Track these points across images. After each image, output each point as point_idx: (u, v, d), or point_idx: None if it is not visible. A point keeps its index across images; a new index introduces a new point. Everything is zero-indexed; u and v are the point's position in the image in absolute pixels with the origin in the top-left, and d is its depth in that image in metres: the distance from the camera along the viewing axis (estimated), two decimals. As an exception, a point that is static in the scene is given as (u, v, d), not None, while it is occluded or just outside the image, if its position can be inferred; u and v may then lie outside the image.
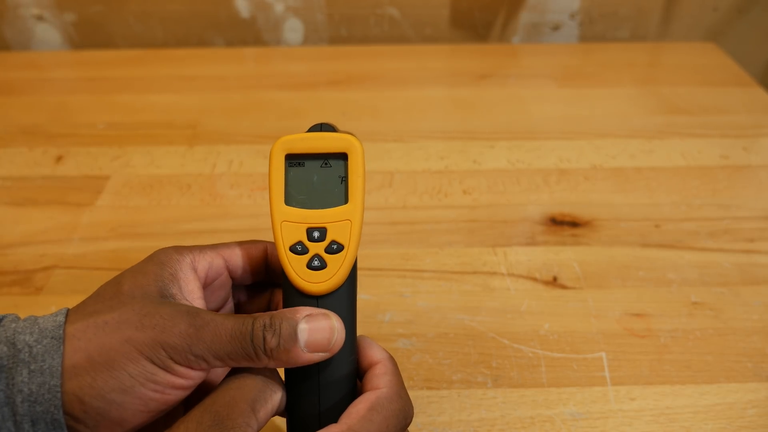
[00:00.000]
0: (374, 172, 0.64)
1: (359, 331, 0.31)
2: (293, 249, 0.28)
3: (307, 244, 0.28)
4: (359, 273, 0.52)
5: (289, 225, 0.29)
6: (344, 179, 0.29)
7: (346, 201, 0.29)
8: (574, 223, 0.58)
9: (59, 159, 0.67)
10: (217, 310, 0.32)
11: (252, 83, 0.81)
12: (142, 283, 0.27)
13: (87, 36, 0.92)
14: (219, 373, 0.33)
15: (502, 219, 0.59)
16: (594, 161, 0.66)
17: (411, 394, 0.43)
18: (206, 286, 0.30)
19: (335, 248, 0.28)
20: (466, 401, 0.43)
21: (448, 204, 0.60)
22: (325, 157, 0.29)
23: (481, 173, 0.65)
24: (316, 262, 0.28)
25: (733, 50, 0.92)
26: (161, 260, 0.29)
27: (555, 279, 0.52)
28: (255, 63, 0.87)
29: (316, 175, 0.29)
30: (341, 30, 0.92)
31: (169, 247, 0.30)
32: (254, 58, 0.89)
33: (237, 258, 0.31)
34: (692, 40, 0.94)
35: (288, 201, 0.29)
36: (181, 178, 0.64)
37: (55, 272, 0.53)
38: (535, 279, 0.52)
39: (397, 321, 0.48)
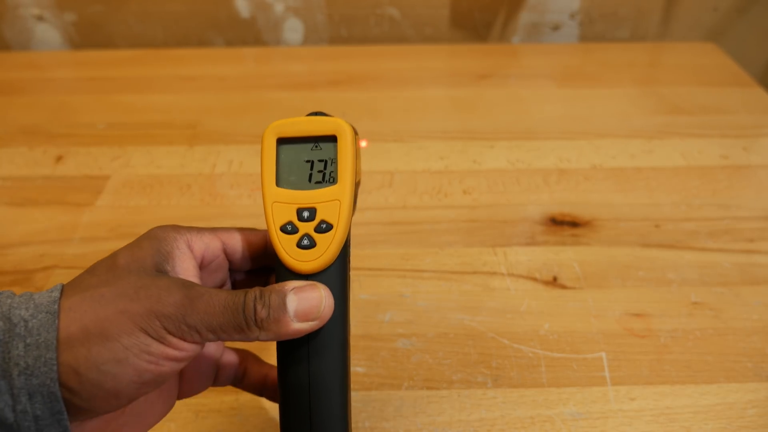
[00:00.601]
0: (374, 172, 0.64)
1: (361, 331, 0.31)
2: (283, 229, 0.29)
3: (297, 224, 0.29)
4: (361, 272, 0.53)
5: (279, 206, 0.29)
6: (334, 161, 0.30)
7: (335, 182, 0.29)
8: (574, 223, 0.58)
9: (59, 159, 0.67)
10: None
11: (252, 83, 0.81)
12: (138, 257, 0.28)
13: (87, 36, 0.92)
14: (212, 349, 0.33)
15: (502, 219, 0.59)
16: (594, 161, 0.66)
17: (411, 394, 0.43)
18: (203, 267, 0.31)
19: (324, 227, 0.29)
20: (466, 401, 0.43)
21: (448, 204, 0.60)
22: (316, 140, 0.30)
23: (481, 173, 0.65)
24: (305, 241, 0.29)
25: (733, 50, 0.92)
26: (158, 236, 0.29)
27: (555, 279, 0.52)
28: (255, 63, 0.87)
29: (307, 158, 0.30)
30: (341, 30, 0.92)
31: (167, 225, 0.30)
32: (254, 58, 0.89)
33: (235, 242, 0.31)
34: (692, 40, 0.94)
35: (279, 183, 0.30)
36: (181, 178, 0.64)
37: (55, 272, 0.53)
38: (535, 279, 0.52)
39: (397, 321, 0.48)
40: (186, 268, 0.29)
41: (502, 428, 0.41)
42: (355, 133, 0.33)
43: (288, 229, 0.29)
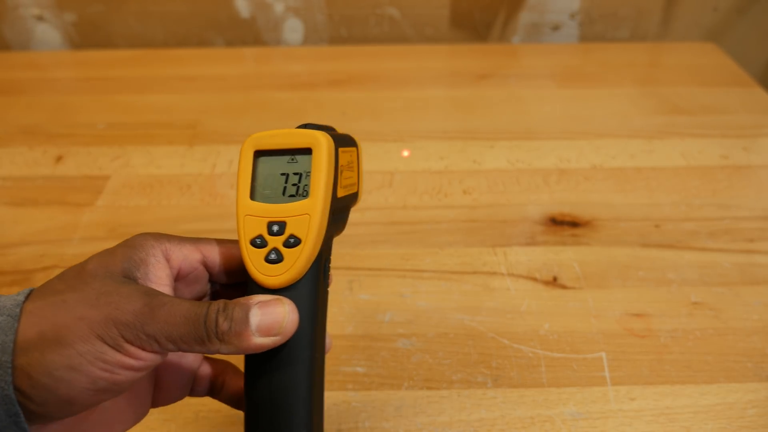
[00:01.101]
0: (374, 172, 0.64)
1: (361, 331, 0.31)
2: (253, 242, 0.29)
3: (267, 237, 0.28)
4: (361, 272, 0.53)
5: (251, 219, 0.29)
6: (308, 174, 0.29)
7: (307, 196, 0.29)
8: (574, 223, 0.58)
9: (59, 159, 0.67)
10: None
11: (252, 83, 0.81)
12: (107, 263, 0.27)
13: (87, 36, 0.92)
14: (190, 359, 0.33)
15: (502, 219, 0.59)
16: (594, 161, 0.66)
17: (411, 394, 0.43)
18: (180, 278, 0.30)
19: (292, 242, 0.28)
20: (466, 401, 0.43)
21: (448, 204, 0.60)
22: (292, 153, 0.30)
23: (481, 173, 0.65)
24: (273, 256, 0.28)
25: (733, 50, 0.92)
26: (134, 244, 0.29)
27: (555, 279, 0.52)
28: (255, 63, 0.87)
29: (282, 171, 0.30)
30: (341, 30, 0.92)
31: (149, 233, 0.30)
32: (254, 58, 0.89)
33: (216, 255, 0.31)
34: (692, 40, 0.94)
35: (253, 196, 0.30)
36: (181, 178, 0.64)
37: (55, 272, 0.53)
38: (535, 279, 0.52)
39: (397, 321, 0.48)
40: (159, 277, 0.29)
41: (502, 428, 0.41)
42: (352, 145, 0.32)
43: (257, 242, 0.28)
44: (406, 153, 0.65)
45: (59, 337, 0.24)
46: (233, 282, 0.32)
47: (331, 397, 0.43)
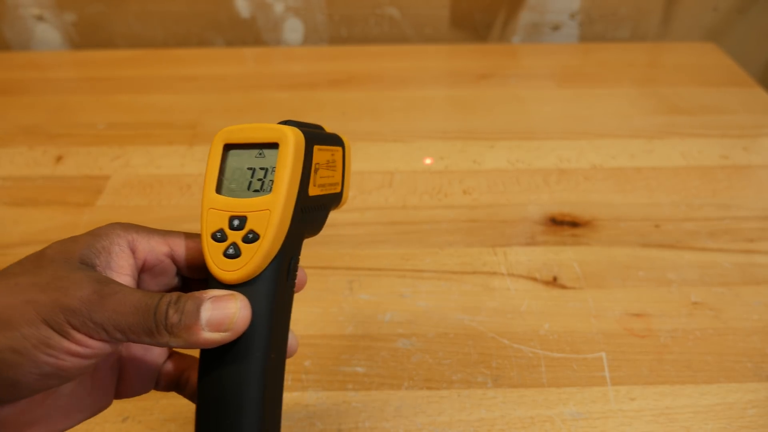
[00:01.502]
0: (374, 172, 0.64)
1: (361, 331, 0.31)
2: (214, 236, 0.28)
3: (228, 232, 0.28)
4: (361, 272, 0.53)
5: (214, 212, 0.29)
6: (274, 170, 0.28)
7: (269, 191, 0.28)
8: (574, 223, 0.58)
9: (59, 159, 0.67)
10: None
11: (252, 83, 0.81)
12: (66, 249, 0.27)
13: (87, 36, 0.92)
14: (156, 353, 0.32)
15: (502, 219, 0.59)
16: (594, 161, 0.66)
17: (411, 394, 0.43)
18: (146, 270, 0.30)
19: (251, 237, 0.28)
20: (466, 401, 0.43)
21: (448, 204, 0.60)
22: (260, 147, 0.29)
23: (481, 173, 0.65)
24: (231, 250, 0.28)
25: (733, 50, 0.92)
26: (100, 232, 0.29)
27: (555, 279, 0.52)
28: (255, 63, 0.87)
29: (249, 166, 0.29)
30: (341, 30, 0.92)
31: (119, 223, 0.30)
32: (254, 58, 0.89)
33: (184, 249, 0.31)
34: (692, 40, 0.94)
35: (219, 189, 0.29)
36: (181, 178, 0.64)
37: (55, 272, 0.53)
38: (535, 279, 0.52)
39: (397, 321, 0.48)
40: (121, 266, 0.28)
41: (502, 428, 0.41)
42: (335, 144, 0.31)
43: (218, 236, 0.28)
44: (428, 161, 0.65)
45: (6, 319, 0.24)
46: (201, 276, 0.32)
47: (331, 397, 0.43)
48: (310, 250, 0.56)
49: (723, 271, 0.53)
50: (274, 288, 0.28)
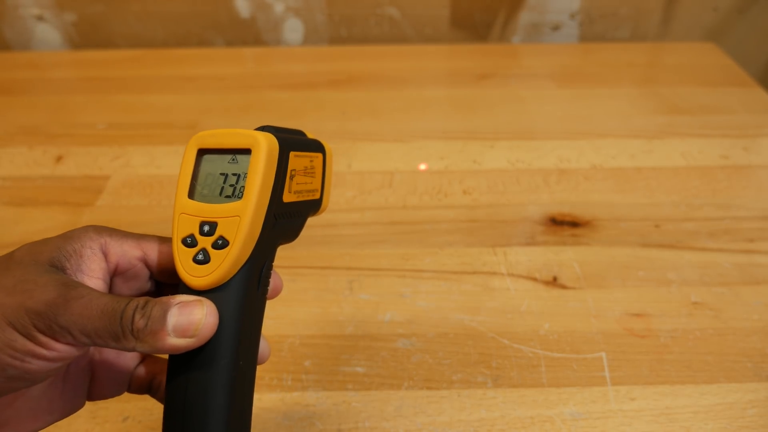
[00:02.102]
0: (374, 172, 0.64)
1: (361, 331, 0.30)
2: (184, 241, 0.28)
3: (198, 237, 0.28)
4: (361, 272, 0.53)
5: (185, 217, 0.28)
6: (246, 176, 0.28)
7: (240, 197, 0.28)
8: (574, 223, 0.58)
9: (59, 159, 0.67)
10: None
11: (252, 83, 0.81)
12: (35, 251, 0.27)
13: (87, 36, 0.92)
14: (128, 356, 0.32)
15: (502, 219, 0.59)
16: (594, 161, 0.66)
17: (411, 394, 0.43)
18: (118, 273, 0.30)
19: (220, 243, 0.27)
20: (466, 401, 0.43)
21: (448, 204, 0.60)
22: (234, 153, 0.29)
23: (481, 173, 0.65)
24: (200, 256, 0.28)
25: (733, 50, 0.92)
26: (72, 235, 0.28)
27: (555, 279, 0.52)
28: (255, 63, 0.87)
29: (222, 171, 0.29)
30: (341, 30, 0.92)
31: (93, 225, 0.30)
32: (254, 58, 0.89)
33: (157, 253, 0.30)
34: (692, 40, 0.94)
35: (191, 194, 0.29)
36: (181, 178, 0.64)
37: (55, 272, 0.53)
38: (535, 279, 0.52)
39: (397, 321, 0.48)
40: (92, 270, 0.28)
41: (502, 428, 0.41)
42: (316, 151, 0.31)
43: (188, 242, 0.28)
44: (423, 166, 0.65)
45: None
46: (175, 282, 0.31)
47: (331, 397, 0.43)
48: (310, 250, 0.56)
49: (723, 271, 0.53)
50: (244, 295, 0.28)
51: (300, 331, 0.48)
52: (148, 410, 0.42)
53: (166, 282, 0.32)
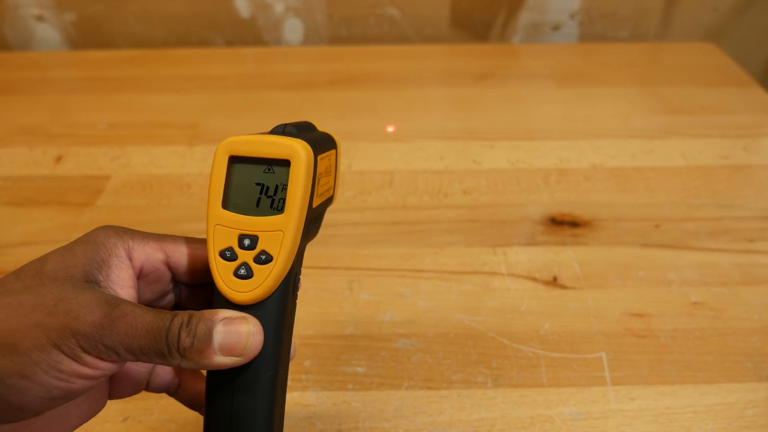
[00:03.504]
0: (374, 172, 0.64)
1: (361, 331, 0.31)
2: (222, 254, 0.27)
3: (237, 251, 0.27)
4: (361, 272, 0.53)
5: (222, 229, 0.28)
6: (285, 188, 0.27)
7: (281, 211, 0.27)
8: (574, 223, 0.58)
9: (59, 159, 0.67)
10: (152, 303, 0.31)
11: (252, 83, 0.81)
12: (67, 264, 0.26)
13: (87, 36, 0.92)
14: (136, 366, 0.32)
15: (502, 219, 0.59)
16: (594, 161, 0.66)
17: (411, 394, 0.43)
18: (141, 277, 0.29)
19: (264, 259, 0.27)
20: (466, 401, 0.43)
21: (448, 204, 0.60)
22: (269, 163, 0.28)
23: (481, 173, 0.65)
24: (242, 271, 0.27)
25: (733, 50, 0.92)
26: (96, 242, 0.27)
27: (555, 279, 0.52)
28: (255, 63, 0.87)
29: (258, 181, 0.28)
30: (341, 30, 0.92)
31: (110, 227, 0.29)
32: (254, 58, 0.89)
33: (180, 255, 0.30)
34: (692, 40, 0.94)
35: (225, 204, 0.28)
36: (181, 178, 0.64)
37: (55, 272, 0.53)
38: (535, 279, 0.52)
39: (397, 321, 0.48)
40: (122, 278, 0.28)
41: (502, 428, 0.41)
42: (332, 148, 0.31)
43: (227, 255, 0.27)
44: (391, 129, 0.64)
45: (13, 344, 0.23)
46: (197, 282, 0.31)
47: (331, 397, 0.43)
48: (311, 250, 0.56)
49: (723, 271, 0.53)
50: (284, 306, 0.28)
51: (300, 331, 0.48)
52: (148, 410, 0.42)
53: (188, 282, 0.31)
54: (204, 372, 0.33)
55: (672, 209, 0.60)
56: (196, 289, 0.32)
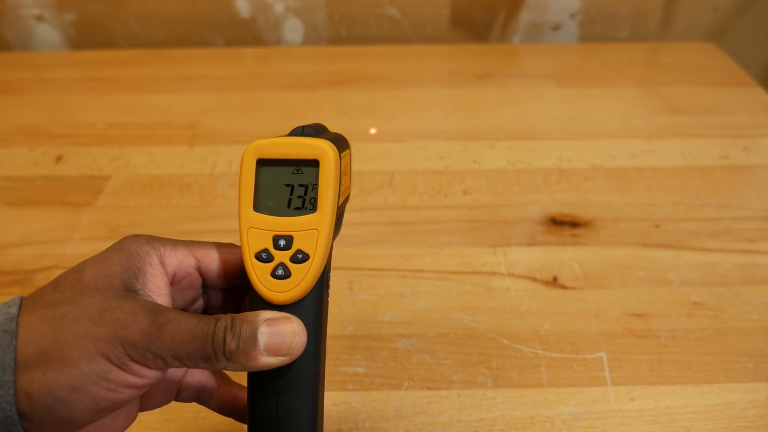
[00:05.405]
0: (374, 172, 0.64)
1: (361, 331, 0.31)
2: (258, 256, 0.28)
3: (273, 252, 0.28)
4: (361, 272, 0.53)
5: (255, 232, 0.28)
6: (315, 187, 0.28)
7: (314, 209, 0.28)
8: (574, 223, 0.58)
9: (59, 159, 0.67)
10: (184, 309, 0.31)
11: (252, 83, 0.81)
12: (106, 274, 0.26)
13: (87, 36, 0.92)
14: (176, 374, 0.32)
15: (502, 219, 0.59)
16: (594, 161, 0.66)
17: (411, 394, 0.43)
18: (174, 283, 0.29)
19: (300, 258, 0.28)
20: (466, 401, 0.43)
21: (448, 204, 0.60)
22: (297, 164, 0.28)
23: (481, 173, 0.65)
24: (280, 271, 0.27)
25: (733, 50, 0.92)
26: (129, 250, 0.28)
27: (555, 279, 0.52)
28: (255, 63, 0.87)
29: (287, 181, 0.29)
30: (341, 30, 0.92)
31: (140, 236, 0.29)
32: (254, 58, 0.89)
33: (211, 260, 0.30)
34: (692, 40, 0.94)
35: (257, 207, 0.29)
36: (181, 178, 0.64)
37: (55, 272, 0.53)
38: (535, 279, 0.52)
39: (397, 321, 0.48)
40: (158, 286, 0.28)
41: (502, 428, 0.41)
42: (347, 147, 0.31)
43: (263, 257, 0.28)
44: (373, 131, 0.64)
45: (62, 356, 0.23)
46: (227, 286, 0.31)
47: (331, 397, 0.43)
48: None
49: (723, 271, 0.53)
50: (321, 305, 0.29)
51: (300, 331, 0.48)
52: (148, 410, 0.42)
53: (219, 287, 0.31)
54: (226, 375, 0.33)
55: (672, 209, 0.60)
56: (227, 294, 0.32)
